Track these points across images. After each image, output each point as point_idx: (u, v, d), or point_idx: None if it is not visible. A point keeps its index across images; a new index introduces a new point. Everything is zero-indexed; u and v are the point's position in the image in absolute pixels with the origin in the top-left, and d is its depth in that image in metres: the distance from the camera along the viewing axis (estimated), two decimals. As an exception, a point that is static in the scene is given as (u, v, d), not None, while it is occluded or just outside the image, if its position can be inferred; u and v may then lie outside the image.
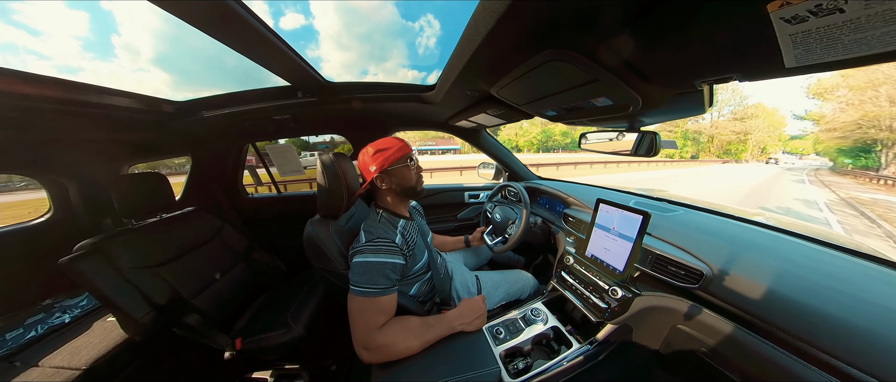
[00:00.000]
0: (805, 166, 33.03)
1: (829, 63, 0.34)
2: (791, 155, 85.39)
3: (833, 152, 40.14)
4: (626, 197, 1.17)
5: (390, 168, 0.80)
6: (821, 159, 48.61)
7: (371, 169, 0.80)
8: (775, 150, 57.54)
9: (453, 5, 49.74)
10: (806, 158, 64.66)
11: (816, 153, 49.90)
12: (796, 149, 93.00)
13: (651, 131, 0.80)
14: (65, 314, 1.17)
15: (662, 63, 0.50)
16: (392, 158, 0.80)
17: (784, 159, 52.45)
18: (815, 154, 53.98)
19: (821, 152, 41.63)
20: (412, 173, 0.84)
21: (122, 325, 0.93)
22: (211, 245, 1.22)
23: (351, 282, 0.69)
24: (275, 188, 1.86)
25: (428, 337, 0.71)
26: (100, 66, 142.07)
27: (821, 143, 39.14)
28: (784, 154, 77.63)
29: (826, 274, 0.55)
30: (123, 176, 1.47)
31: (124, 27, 44.72)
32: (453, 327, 0.76)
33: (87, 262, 0.84)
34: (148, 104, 1.03)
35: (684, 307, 0.65)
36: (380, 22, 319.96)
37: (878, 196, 12.39)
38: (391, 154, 0.79)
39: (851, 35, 0.29)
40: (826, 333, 0.46)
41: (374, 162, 0.79)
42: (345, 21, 29.33)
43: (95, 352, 0.95)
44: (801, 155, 78.19)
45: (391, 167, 0.80)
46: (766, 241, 0.70)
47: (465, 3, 49.30)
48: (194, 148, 1.53)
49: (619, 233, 0.77)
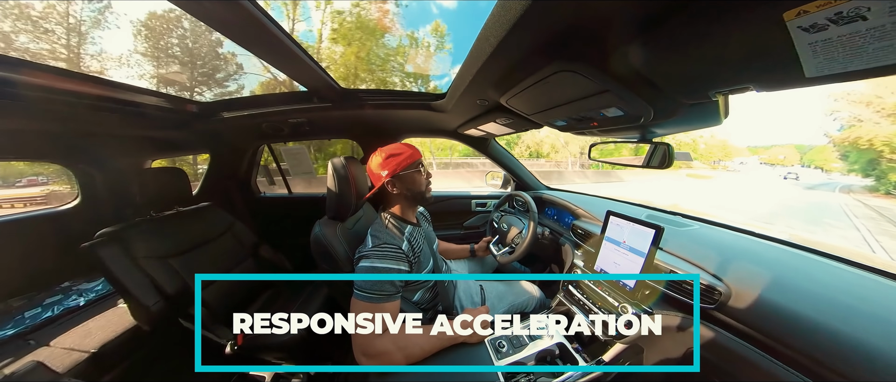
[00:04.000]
0: (831, 183, 26.71)
1: (854, 73, 0.33)
2: (807, 168, 66.87)
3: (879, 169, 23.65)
4: (637, 210, 1.14)
5: (401, 173, 0.81)
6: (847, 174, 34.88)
7: (382, 174, 0.81)
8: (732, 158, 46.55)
9: (458, 18, 52.03)
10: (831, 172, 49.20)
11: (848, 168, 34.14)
12: (814, 160, 76.23)
13: (664, 142, 0.78)
14: (80, 297, 1.22)
15: (675, 74, 0.50)
16: (404, 163, 0.80)
17: (800, 173, 38.90)
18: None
19: (856, 165, 30.07)
20: (422, 179, 0.85)
21: (132, 312, 0.96)
22: (222, 240, 1.26)
23: (355, 286, 0.69)
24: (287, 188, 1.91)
25: (428, 347, 0.69)
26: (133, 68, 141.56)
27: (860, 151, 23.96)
28: (801, 168, 64.69)
29: (861, 298, 0.51)
30: (147, 169, 1.55)
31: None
32: (456, 337, 0.73)
33: (106, 249, 0.88)
34: (175, 104, 1.09)
35: (700, 330, 0.61)
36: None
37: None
38: (403, 160, 0.80)
39: (877, 43, 0.28)
40: (861, 364, 0.42)
41: (386, 167, 0.80)
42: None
43: (105, 336, 0.97)
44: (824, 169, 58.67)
45: (402, 173, 0.81)
46: (792, 260, 0.66)
47: (469, 16, 49.72)
48: (213, 146, 1.60)
49: (630, 247, 0.74)
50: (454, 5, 55.85)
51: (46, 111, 0.86)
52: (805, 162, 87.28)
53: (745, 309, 0.56)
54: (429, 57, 12.42)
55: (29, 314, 1.10)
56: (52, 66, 0.73)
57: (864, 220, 8.44)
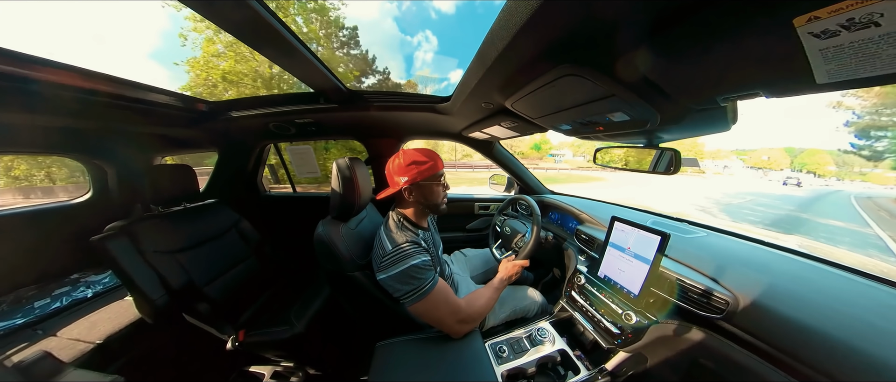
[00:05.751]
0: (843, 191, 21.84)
1: (867, 79, 0.32)
2: (799, 172, 60.85)
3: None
4: (643, 216, 1.12)
5: (421, 183, 0.80)
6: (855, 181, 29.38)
7: (401, 180, 0.80)
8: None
9: (454, 23, 51.36)
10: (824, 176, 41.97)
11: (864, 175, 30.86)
12: (806, 164, 68.96)
13: (671, 148, 0.77)
14: (88, 289, 1.24)
15: (683, 79, 0.49)
16: (426, 173, 0.79)
17: (803, 179, 33.50)
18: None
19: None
20: (440, 190, 0.85)
21: (137, 305, 0.97)
22: (227, 237, 1.27)
23: (404, 294, 0.71)
24: (292, 187, 1.93)
25: (488, 294, 0.85)
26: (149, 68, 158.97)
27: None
28: (793, 172, 58.76)
29: (879, 314, 0.49)
30: (156, 166, 1.58)
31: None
32: (503, 283, 0.91)
33: (114, 242, 0.90)
34: (186, 102, 1.12)
35: (707, 340, 0.60)
36: (379, 35, 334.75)
37: None
38: (425, 169, 0.79)
39: (891, 49, 0.28)
40: (872, 376, 0.40)
41: (407, 173, 0.79)
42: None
43: (110, 328, 0.99)
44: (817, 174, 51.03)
45: (422, 182, 0.80)
46: (804, 271, 0.64)
47: (467, 21, 49.91)
48: (221, 144, 1.63)
49: (634, 253, 0.73)
50: (451, 9, 56.38)
51: (64, 107, 0.88)
52: (796, 166, 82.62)
53: (754, 320, 0.55)
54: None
55: (39, 304, 1.12)
56: (68, 64, 0.75)
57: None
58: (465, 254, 1.35)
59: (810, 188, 24.87)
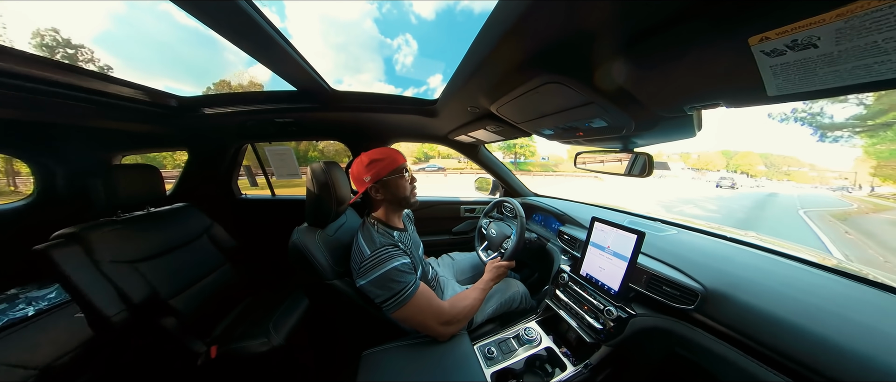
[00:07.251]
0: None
1: (808, 92, 0.37)
2: (734, 173, 60.89)
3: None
4: (621, 216, 1.19)
5: (385, 179, 0.80)
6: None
7: (365, 179, 0.80)
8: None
9: (434, 29, 52.68)
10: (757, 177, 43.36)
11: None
12: (740, 165, 70.83)
13: (644, 153, 0.82)
14: (29, 307, 1.09)
15: (654, 89, 0.53)
16: (387, 168, 0.80)
17: (738, 180, 32.20)
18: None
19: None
20: (406, 184, 0.85)
21: (90, 323, 0.88)
22: (197, 244, 1.19)
23: (385, 300, 0.70)
24: (270, 190, 1.84)
25: (474, 295, 0.86)
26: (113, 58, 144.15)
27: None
28: (728, 173, 58.32)
29: (826, 298, 0.55)
30: (115, 166, 1.44)
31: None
32: (489, 284, 0.92)
33: (62, 251, 0.80)
34: (153, 97, 1.03)
35: (682, 330, 0.64)
36: (358, 35, 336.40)
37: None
38: (385, 165, 0.80)
39: (826, 68, 0.32)
40: (827, 360, 0.45)
41: (368, 173, 0.79)
42: (321, 29, 29.06)
43: (55, 351, 0.88)
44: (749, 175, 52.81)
45: (386, 178, 0.80)
46: (762, 262, 0.70)
47: (446, 29, 50.96)
48: (192, 143, 1.52)
49: (614, 252, 0.77)
50: (432, 16, 57.23)
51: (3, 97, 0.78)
52: (731, 167, 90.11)
53: (720, 308, 0.60)
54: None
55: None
56: (15, 49, 0.67)
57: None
58: (453, 258, 1.36)
59: (742, 192, 20.69)
